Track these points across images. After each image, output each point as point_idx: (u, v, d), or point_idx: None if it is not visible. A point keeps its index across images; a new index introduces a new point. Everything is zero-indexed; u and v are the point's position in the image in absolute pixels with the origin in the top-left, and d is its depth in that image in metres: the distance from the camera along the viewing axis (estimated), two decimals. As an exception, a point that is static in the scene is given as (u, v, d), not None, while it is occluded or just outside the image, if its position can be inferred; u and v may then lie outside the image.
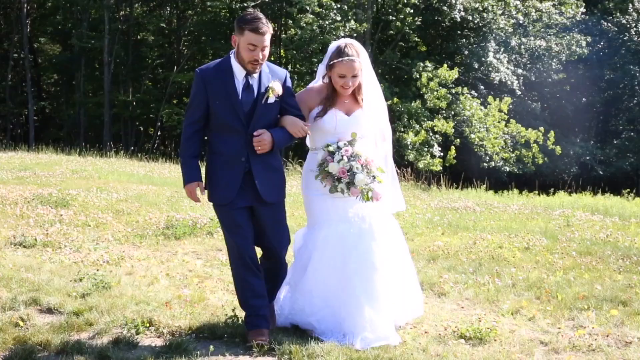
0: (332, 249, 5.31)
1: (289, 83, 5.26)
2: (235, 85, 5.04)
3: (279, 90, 5.10)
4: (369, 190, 5.16)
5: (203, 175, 5.22)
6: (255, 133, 5.02)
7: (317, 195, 5.39)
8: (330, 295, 5.28)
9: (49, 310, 5.63)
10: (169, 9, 39.44)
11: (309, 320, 5.31)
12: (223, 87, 5.02)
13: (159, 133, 38.43)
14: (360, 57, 5.32)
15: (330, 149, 5.21)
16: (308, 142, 5.58)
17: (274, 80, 5.12)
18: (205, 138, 5.31)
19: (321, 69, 5.49)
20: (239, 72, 5.06)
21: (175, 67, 36.95)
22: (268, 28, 4.96)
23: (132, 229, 9.13)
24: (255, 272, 5.14)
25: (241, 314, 5.53)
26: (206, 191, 5.23)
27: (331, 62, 5.29)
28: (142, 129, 39.00)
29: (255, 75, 5.08)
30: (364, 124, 5.39)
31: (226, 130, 5.06)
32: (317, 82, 5.54)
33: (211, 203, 5.27)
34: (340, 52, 5.28)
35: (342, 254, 5.29)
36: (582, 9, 33.90)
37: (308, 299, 5.33)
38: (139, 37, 39.28)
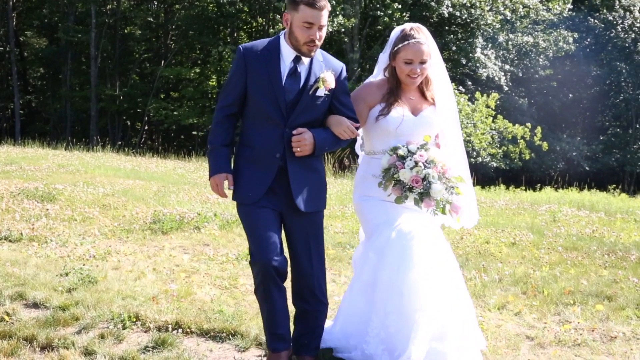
0: (399, 251, 4.43)
1: (344, 78, 4.54)
2: (280, 69, 4.32)
3: (331, 82, 4.37)
4: (447, 203, 4.47)
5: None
6: (295, 132, 4.30)
7: (374, 200, 4.68)
8: (408, 306, 4.37)
9: (35, 305, 5.60)
10: (156, 3, 39.33)
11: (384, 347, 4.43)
12: (265, 69, 4.31)
13: (146, 127, 38.32)
14: (429, 42, 4.59)
15: (401, 152, 4.48)
16: (359, 146, 4.98)
17: (327, 70, 4.40)
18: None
19: (382, 59, 4.79)
20: (287, 55, 4.35)
21: (163, 61, 36.87)
22: (326, 3, 4.26)
23: (118, 223, 9.09)
24: (280, 285, 4.32)
25: (228, 309, 5.53)
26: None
27: (395, 48, 4.59)
28: (129, 123, 38.89)
29: (306, 62, 4.37)
30: (434, 126, 4.67)
31: (262, 119, 4.35)
32: (378, 76, 4.84)
33: (234, 202, 4.55)
34: (405, 36, 4.56)
35: (409, 256, 4.41)
36: (569, 6, 34.07)
37: (382, 319, 4.45)
38: (126, 31, 39.15)
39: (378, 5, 30.41)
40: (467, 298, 4.69)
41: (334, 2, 29.01)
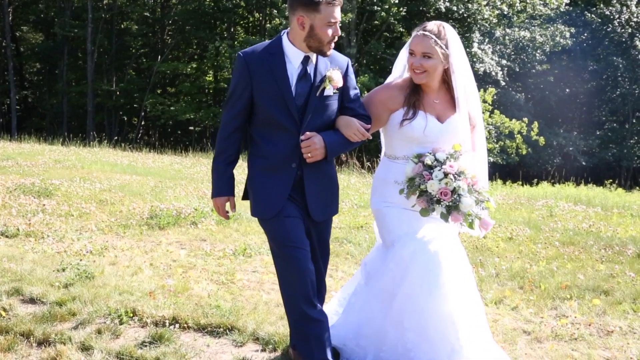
0: (424, 268, 4.21)
1: (351, 73, 4.31)
2: (288, 73, 4.08)
3: (338, 81, 4.15)
4: (476, 218, 4.18)
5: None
6: (303, 137, 4.07)
7: (395, 208, 4.42)
8: (428, 325, 4.23)
9: (32, 300, 5.59)
10: (152, -2, 39.22)
11: None
12: (272, 74, 4.06)
13: (142, 123, 38.26)
14: (442, 39, 4.24)
15: (428, 161, 4.16)
16: (384, 149, 4.59)
17: (333, 68, 4.18)
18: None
19: (402, 55, 4.50)
20: (293, 57, 4.11)
21: (159, 57, 36.81)
22: None
23: (115, 218, 9.08)
24: (315, 304, 4.19)
25: (225, 304, 5.53)
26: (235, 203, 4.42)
27: (408, 42, 4.34)
28: (125, 118, 38.83)
29: (313, 61, 4.14)
30: (461, 134, 4.34)
31: (274, 128, 4.11)
32: (401, 77, 4.52)
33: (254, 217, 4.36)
34: (418, 29, 4.30)
35: (435, 274, 4.21)
36: (566, 0, 34.05)
37: (400, 333, 4.31)
38: (122, 26, 39.08)
39: (375, 0, 30.37)
40: (483, 315, 4.50)
41: (330, -3, 28.96)
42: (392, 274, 4.31)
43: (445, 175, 4.11)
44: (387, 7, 29.34)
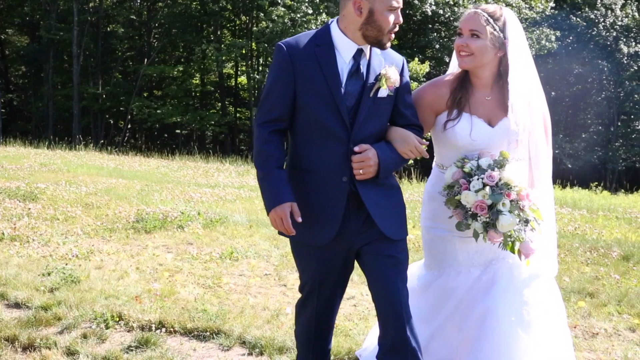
0: (467, 306, 3.72)
1: (406, 74, 3.63)
2: (339, 68, 3.43)
3: (396, 80, 3.48)
4: (517, 240, 3.53)
5: None
6: (357, 148, 3.41)
7: (442, 234, 3.84)
8: None
9: (17, 305, 5.56)
10: (139, 1, 39.15)
11: None
12: (320, 70, 3.40)
13: (129, 126, 38.17)
14: (498, 21, 3.62)
15: (466, 168, 3.57)
16: (435, 156, 3.96)
17: (388, 65, 3.52)
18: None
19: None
20: (345, 49, 3.45)
21: (146, 60, 36.71)
22: None
23: (101, 222, 9.04)
24: (329, 340, 3.78)
25: (212, 308, 5.51)
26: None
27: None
28: (111, 121, 38.73)
29: (366, 55, 3.49)
30: (517, 139, 3.68)
31: (319, 134, 3.43)
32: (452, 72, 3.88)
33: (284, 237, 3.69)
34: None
35: (482, 310, 3.63)
36: (552, 4, 34.32)
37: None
38: (108, 29, 38.97)
39: (362, 3, 30.43)
40: None
41: (317, 1, 29.03)
42: (430, 304, 3.89)
43: (483, 186, 3.50)
44: (373, 10, 29.42)
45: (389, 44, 3.48)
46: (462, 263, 3.80)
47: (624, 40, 37.89)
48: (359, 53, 3.46)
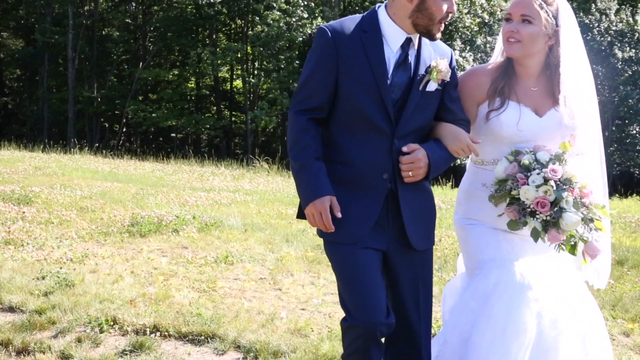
0: (507, 306, 3.26)
1: (454, 67, 3.42)
2: (385, 57, 3.20)
3: (446, 73, 3.27)
4: (581, 240, 3.27)
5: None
6: (406, 148, 3.21)
7: (482, 227, 3.54)
8: None
9: (11, 309, 5.55)
10: (134, 5, 39.12)
11: None
12: (365, 57, 3.17)
13: (124, 129, 38.12)
14: (551, 6, 3.35)
15: (525, 161, 3.28)
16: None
17: (440, 57, 3.31)
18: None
19: (501, 35, 3.52)
20: (392, 38, 3.23)
21: (141, 63, 36.68)
22: None
23: (96, 226, 9.03)
24: (382, 345, 3.26)
25: (207, 312, 5.51)
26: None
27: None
28: (106, 125, 38.70)
29: (415, 45, 3.27)
30: (566, 132, 3.44)
31: (361, 127, 3.22)
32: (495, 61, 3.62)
33: (320, 238, 3.42)
34: None
35: (521, 315, 3.24)
36: (547, 9, 34.38)
37: None
38: (103, 32, 38.93)
39: (357, 8, 30.52)
40: None
41: (312, 5, 29.08)
42: (471, 315, 3.36)
43: (546, 181, 3.22)
44: (369, 14, 29.52)
45: (439, 35, 3.26)
46: (509, 261, 3.38)
47: (619, 45, 38.02)
48: (407, 42, 3.24)
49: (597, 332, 3.39)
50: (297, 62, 30.81)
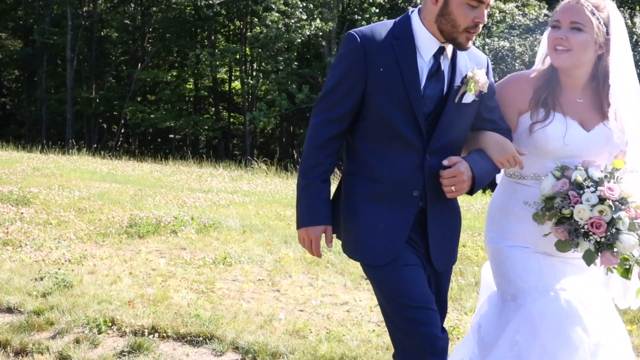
0: (557, 335, 3.06)
1: (491, 75, 3.20)
2: (418, 67, 2.99)
3: (484, 84, 3.07)
4: (637, 264, 3.04)
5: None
6: (446, 162, 2.99)
7: (521, 251, 3.27)
8: None
9: (9, 310, 5.54)
10: (133, 6, 39.13)
11: None
12: (397, 66, 2.96)
13: (122, 130, 38.10)
14: (602, 13, 3.10)
15: (578, 177, 3.04)
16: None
17: (477, 67, 3.10)
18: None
19: (544, 41, 3.33)
20: (425, 46, 3.01)
21: (140, 64, 36.68)
22: None
23: (94, 227, 9.02)
24: None
25: (205, 313, 5.51)
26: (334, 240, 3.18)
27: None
28: (105, 126, 38.67)
29: (448, 55, 3.06)
30: (614, 147, 3.21)
31: (391, 141, 3.01)
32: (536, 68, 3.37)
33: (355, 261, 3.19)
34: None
35: (574, 345, 3.05)
36: (545, 11, 34.38)
37: None
38: (102, 33, 38.93)
39: (355, 10, 30.53)
40: None
41: (311, 6, 29.09)
42: (510, 339, 3.16)
43: (602, 200, 2.98)
44: (367, 16, 29.48)
45: (469, 44, 3.00)
46: (553, 289, 3.14)
47: (617, 47, 38.13)
48: (440, 51, 3.03)
49: (628, 352, 3.25)
50: (295, 63, 30.83)
